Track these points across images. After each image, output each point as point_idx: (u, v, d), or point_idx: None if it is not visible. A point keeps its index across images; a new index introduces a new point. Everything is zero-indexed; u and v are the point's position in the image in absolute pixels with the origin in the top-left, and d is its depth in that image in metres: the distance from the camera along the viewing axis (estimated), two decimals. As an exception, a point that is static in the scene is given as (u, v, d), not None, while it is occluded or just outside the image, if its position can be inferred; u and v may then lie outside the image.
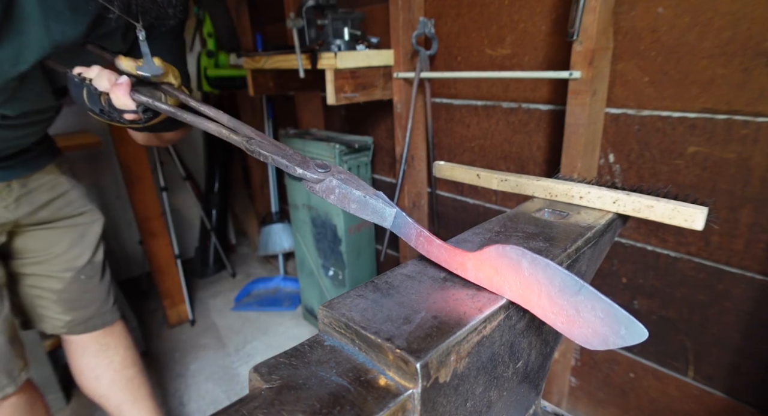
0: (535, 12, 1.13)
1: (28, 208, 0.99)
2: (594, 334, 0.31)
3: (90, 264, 1.13)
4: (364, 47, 1.36)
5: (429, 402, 0.32)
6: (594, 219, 0.53)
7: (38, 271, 1.07)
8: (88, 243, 1.12)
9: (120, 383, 1.21)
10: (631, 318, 0.29)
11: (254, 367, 0.32)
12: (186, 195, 2.61)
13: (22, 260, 1.05)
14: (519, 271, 0.35)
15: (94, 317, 1.16)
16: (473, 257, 0.38)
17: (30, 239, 1.04)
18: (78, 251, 1.10)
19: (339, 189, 0.44)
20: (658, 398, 1.18)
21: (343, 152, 1.63)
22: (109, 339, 1.20)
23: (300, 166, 0.46)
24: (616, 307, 0.29)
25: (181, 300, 2.12)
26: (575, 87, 1.01)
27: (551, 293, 0.33)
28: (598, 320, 0.30)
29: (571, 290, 0.31)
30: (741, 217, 0.94)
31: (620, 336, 0.29)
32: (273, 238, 2.34)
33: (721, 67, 0.90)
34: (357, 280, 1.79)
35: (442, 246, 0.40)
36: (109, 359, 1.20)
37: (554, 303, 0.33)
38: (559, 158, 1.10)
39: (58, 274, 1.08)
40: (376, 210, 0.43)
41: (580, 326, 0.31)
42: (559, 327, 0.33)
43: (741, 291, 0.98)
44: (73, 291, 1.11)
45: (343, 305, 0.37)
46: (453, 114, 1.43)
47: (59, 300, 1.10)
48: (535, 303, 0.34)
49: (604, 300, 0.30)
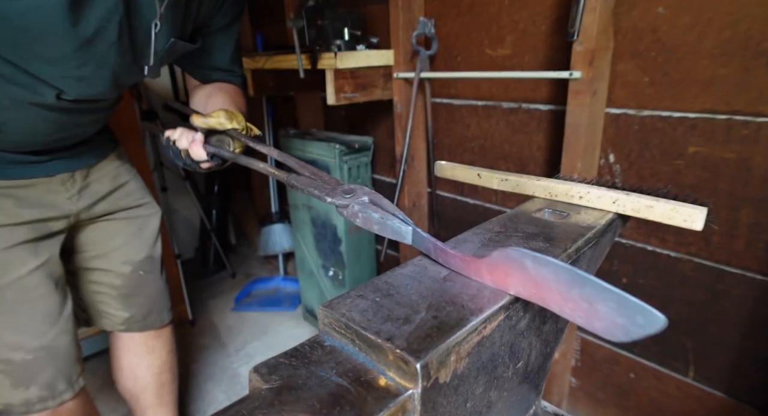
0: (535, 12, 1.13)
1: (90, 199, 0.97)
2: (614, 325, 0.30)
3: (149, 259, 1.11)
4: (364, 47, 1.37)
5: (429, 402, 0.32)
6: (594, 220, 0.53)
7: (98, 265, 1.05)
8: (147, 236, 1.11)
9: (154, 388, 1.22)
10: (644, 306, 0.28)
11: (254, 367, 0.32)
12: (186, 195, 2.61)
13: (82, 254, 1.04)
14: (526, 271, 0.35)
15: (152, 314, 1.15)
16: (485, 263, 0.38)
17: (90, 232, 1.02)
18: (137, 244, 1.08)
19: (362, 213, 0.47)
20: (658, 398, 1.18)
21: (343, 152, 1.63)
22: (157, 342, 1.19)
23: (329, 194, 0.51)
24: (626, 296, 0.29)
25: (180, 300, 2.12)
26: (575, 87, 1.01)
27: (561, 289, 0.32)
28: (612, 311, 0.29)
29: (578, 283, 0.31)
30: (741, 217, 0.94)
31: (639, 325, 0.28)
32: (273, 238, 2.34)
33: (721, 67, 0.90)
34: (357, 280, 1.79)
35: (456, 256, 0.41)
36: (150, 362, 1.19)
37: (567, 299, 0.32)
38: (559, 158, 1.10)
39: (117, 269, 1.06)
40: (395, 230, 0.45)
41: (598, 319, 0.31)
42: (580, 322, 0.32)
43: (741, 291, 0.98)
44: (132, 287, 1.09)
45: (343, 305, 0.37)
46: (453, 114, 1.43)
47: (119, 295, 1.08)
48: (551, 300, 0.34)
49: (612, 290, 0.29)
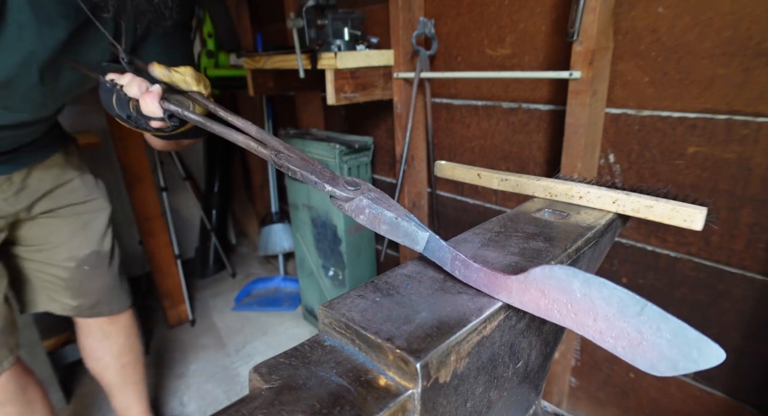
0: (535, 12, 1.13)
1: (29, 199, 0.98)
2: (660, 358, 0.28)
3: (95, 254, 1.12)
4: (364, 47, 1.36)
5: (429, 402, 0.32)
6: (594, 220, 0.53)
7: (41, 259, 1.07)
8: (93, 232, 1.12)
9: (114, 368, 1.29)
10: (705, 339, 0.26)
11: (254, 367, 0.32)
12: (186, 195, 2.61)
13: (26, 247, 1.06)
14: (570, 293, 0.32)
15: (100, 304, 1.18)
16: (517, 280, 0.35)
17: (31, 228, 1.04)
18: (80, 241, 1.09)
19: (369, 209, 0.42)
20: (659, 398, 1.18)
21: (343, 152, 1.63)
22: (113, 328, 1.24)
23: (329, 183, 0.44)
24: (687, 327, 0.27)
25: (181, 300, 2.12)
26: (575, 87, 1.01)
27: (609, 315, 0.30)
28: (665, 342, 0.27)
29: (632, 310, 0.29)
30: (741, 217, 0.94)
31: (692, 359, 0.27)
32: (273, 238, 2.34)
33: (721, 67, 0.90)
34: (357, 280, 1.79)
35: (481, 270, 0.38)
36: (108, 346, 1.26)
37: (613, 326, 0.30)
38: (559, 158, 1.10)
39: (61, 263, 1.08)
40: (408, 233, 0.41)
41: (644, 350, 0.28)
42: (620, 353, 0.30)
43: (741, 291, 0.98)
44: (78, 280, 1.12)
45: (343, 305, 0.37)
46: (453, 114, 1.43)
47: (66, 286, 1.11)
48: (591, 326, 0.31)
49: (671, 319, 0.27)
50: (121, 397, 1.34)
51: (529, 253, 0.45)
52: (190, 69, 0.68)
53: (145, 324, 2.12)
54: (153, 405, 1.53)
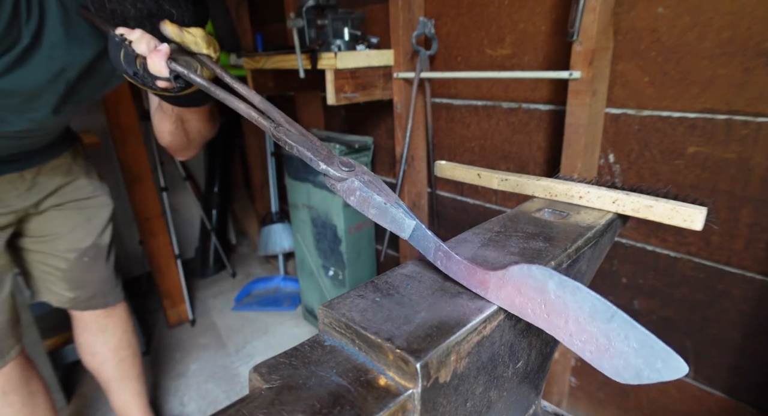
0: (535, 12, 1.13)
1: (38, 196, 1.02)
2: (626, 366, 0.28)
3: (94, 247, 1.16)
4: (364, 47, 1.36)
5: (429, 402, 0.32)
6: (594, 219, 0.53)
7: (43, 250, 1.11)
8: (94, 226, 1.16)
9: (112, 362, 1.30)
10: (669, 351, 0.27)
11: (254, 367, 0.32)
12: (186, 195, 2.61)
13: (30, 238, 1.10)
14: (545, 293, 0.32)
15: (96, 297, 1.21)
16: (495, 276, 0.36)
17: (37, 221, 1.08)
18: (82, 233, 1.13)
19: (360, 191, 0.42)
20: (658, 398, 1.18)
21: (343, 152, 1.63)
22: (109, 321, 1.26)
23: (324, 161, 0.44)
24: (653, 338, 0.27)
25: (181, 300, 2.12)
26: (575, 87, 1.01)
27: (580, 319, 0.30)
28: (631, 350, 0.28)
29: (603, 316, 0.29)
30: (741, 217, 0.94)
31: (656, 369, 0.27)
32: (273, 238, 2.34)
33: (721, 67, 0.90)
34: (357, 280, 1.79)
35: (461, 263, 0.38)
36: (105, 339, 1.27)
37: (583, 330, 0.30)
38: (559, 158, 1.10)
39: (62, 254, 1.12)
40: (395, 219, 0.41)
41: (610, 356, 0.29)
42: (587, 357, 0.30)
43: (741, 291, 0.98)
44: (76, 271, 1.15)
45: (343, 305, 0.37)
46: (453, 114, 1.43)
47: (64, 278, 1.14)
48: (562, 328, 0.32)
49: (639, 329, 0.28)
50: (119, 393, 1.35)
51: (529, 253, 0.45)
52: (201, 31, 0.67)
53: (145, 324, 2.12)
54: (153, 404, 1.53)
